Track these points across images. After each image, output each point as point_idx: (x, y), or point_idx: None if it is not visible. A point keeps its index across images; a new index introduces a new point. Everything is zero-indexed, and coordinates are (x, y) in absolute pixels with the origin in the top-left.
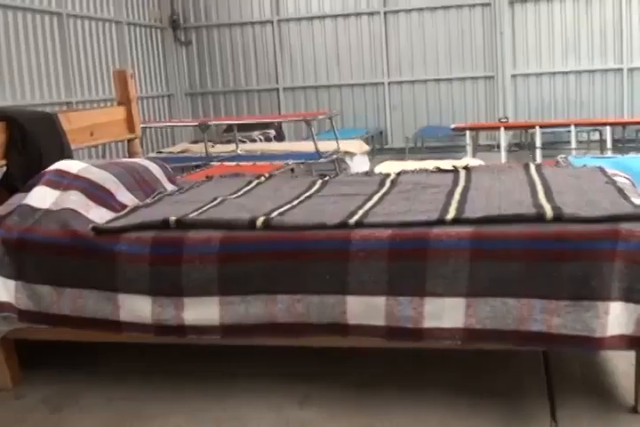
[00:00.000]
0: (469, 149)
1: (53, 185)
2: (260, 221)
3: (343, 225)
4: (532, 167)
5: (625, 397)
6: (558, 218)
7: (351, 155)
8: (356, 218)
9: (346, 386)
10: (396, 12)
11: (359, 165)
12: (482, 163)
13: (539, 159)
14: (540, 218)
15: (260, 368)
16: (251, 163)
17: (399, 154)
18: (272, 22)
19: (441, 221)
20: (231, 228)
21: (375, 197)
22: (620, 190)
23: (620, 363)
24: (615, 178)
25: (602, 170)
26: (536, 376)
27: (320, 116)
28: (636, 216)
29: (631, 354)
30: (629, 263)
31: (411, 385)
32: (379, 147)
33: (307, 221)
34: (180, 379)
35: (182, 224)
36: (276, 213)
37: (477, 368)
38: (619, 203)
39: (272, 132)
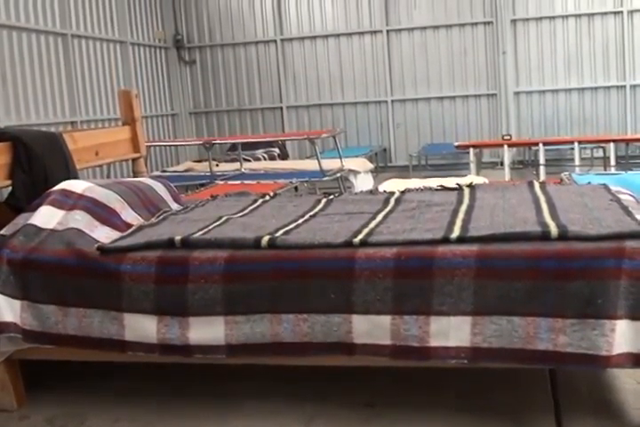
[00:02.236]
0: (473, 166)
1: (58, 205)
2: (264, 240)
3: (348, 244)
4: (537, 185)
5: (632, 414)
6: (563, 236)
7: (355, 173)
8: (360, 237)
9: (353, 405)
10: (399, 30)
11: (363, 183)
12: (486, 180)
13: (542, 176)
14: (545, 236)
15: (267, 388)
16: (255, 181)
17: (403, 172)
18: (275, 42)
19: (446, 240)
20: (236, 247)
21: (380, 216)
22: (625, 208)
23: (627, 380)
24: (619, 195)
25: (606, 187)
26: (542, 394)
27: (324, 135)
28: None
29: (638, 372)
30: (635, 281)
31: (417, 404)
32: (382, 165)
33: (311, 240)
34: (185, 399)
35: (187, 244)
36: (280, 233)
37: (484, 386)
38: (623, 220)
39: (276, 151)
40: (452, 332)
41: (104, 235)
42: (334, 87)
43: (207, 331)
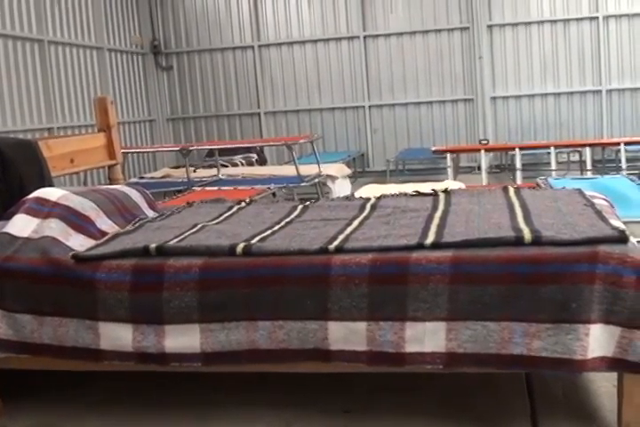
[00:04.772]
0: (450, 171)
1: (33, 213)
2: (239, 247)
3: (323, 251)
4: (511, 190)
5: (608, 418)
6: (537, 241)
7: (333, 178)
8: (336, 243)
9: (331, 412)
10: (376, 36)
11: (341, 188)
12: (462, 185)
13: (519, 181)
14: (518, 241)
15: (245, 395)
16: (232, 187)
17: (381, 177)
18: (253, 47)
19: (420, 246)
20: (211, 254)
21: (355, 222)
22: (599, 212)
23: (603, 384)
24: (594, 200)
25: (580, 192)
26: (519, 399)
27: (301, 141)
28: (615, 238)
29: (614, 375)
30: (608, 286)
31: (395, 410)
32: (360, 170)
33: (287, 247)
34: (162, 408)
35: (163, 251)
36: (256, 240)
37: (461, 391)
38: (597, 225)
39: (254, 157)
40: (427, 337)
41: (79, 243)
42: (312, 93)
43: (183, 339)
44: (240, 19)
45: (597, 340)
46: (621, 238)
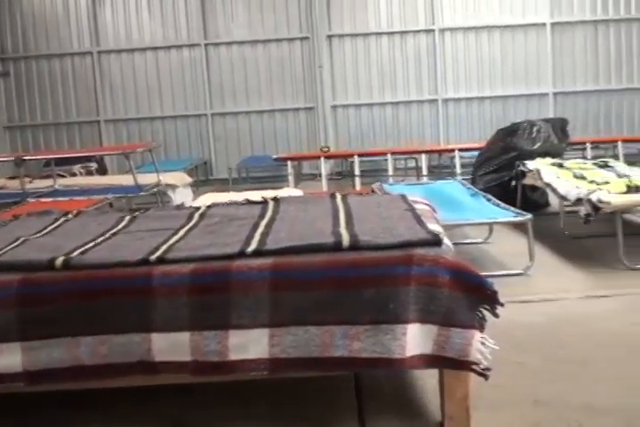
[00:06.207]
0: (291, 178)
1: None
2: (59, 260)
3: (145, 262)
4: (338, 196)
5: (434, 414)
6: (355, 246)
7: (173, 187)
8: (158, 254)
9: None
10: (217, 44)
11: (182, 197)
12: (300, 192)
13: (358, 187)
14: (337, 246)
15: (72, 413)
16: (69, 198)
17: (224, 185)
18: (92, 53)
19: (242, 254)
20: (30, 269)
21: (181, 232)
22: (418, 217)
23: (429, 381)
24: (415, 205)
25: (403, 197)
26: (348, 398)
27: (139, 149)
28: (429, 241)
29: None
30: (423, 286)
31: (226, 419)
32: (203, 178)
33: (108, 259)
34: None
35: None
36: (77, 252)
37: (291, 395)
38: (414, 229)
39: (94, 166)
40: (251, 345)
41: None
42: (153, 100)
43: (4, 358)
44: (79, 24)
45: (415, 339)
46: (435, 241)
